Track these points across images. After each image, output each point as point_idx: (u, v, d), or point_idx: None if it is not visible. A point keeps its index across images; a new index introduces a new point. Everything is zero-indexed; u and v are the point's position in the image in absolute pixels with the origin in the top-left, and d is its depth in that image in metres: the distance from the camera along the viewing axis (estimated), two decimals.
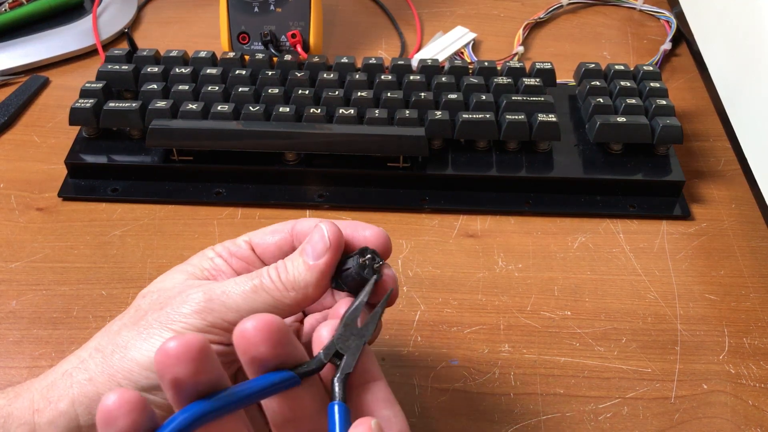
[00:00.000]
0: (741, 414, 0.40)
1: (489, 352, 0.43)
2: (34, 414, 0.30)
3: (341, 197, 0.52)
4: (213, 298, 0.30)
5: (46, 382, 0.30)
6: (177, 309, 0.30)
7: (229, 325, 0.29)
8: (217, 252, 0.34)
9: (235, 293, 0.30)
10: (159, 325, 0.30)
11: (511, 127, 0.51)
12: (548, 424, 0.40)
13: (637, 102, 0.53)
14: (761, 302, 0.46)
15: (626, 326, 0.45)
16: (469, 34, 0.67)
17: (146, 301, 0.31)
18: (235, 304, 0.30)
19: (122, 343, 0.30)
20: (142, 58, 0.57)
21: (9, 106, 0.59)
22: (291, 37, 0.60)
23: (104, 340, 0.31)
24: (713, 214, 0.52)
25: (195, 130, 0.50)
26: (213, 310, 0.29)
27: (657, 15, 0.70)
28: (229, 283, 0.31)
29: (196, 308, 0.29)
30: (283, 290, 0.30)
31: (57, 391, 0.30)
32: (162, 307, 0.30)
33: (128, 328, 0.30)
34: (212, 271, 0.33)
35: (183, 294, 0.30)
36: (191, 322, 0.29)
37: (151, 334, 0.29)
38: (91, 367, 0.30)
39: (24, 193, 0.52)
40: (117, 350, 0.30)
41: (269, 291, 0.30)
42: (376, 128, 0.51)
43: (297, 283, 0.30)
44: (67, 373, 0.30)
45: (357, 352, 0.29)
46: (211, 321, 0.29)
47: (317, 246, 0.31)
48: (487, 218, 0.51)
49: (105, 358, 0.30)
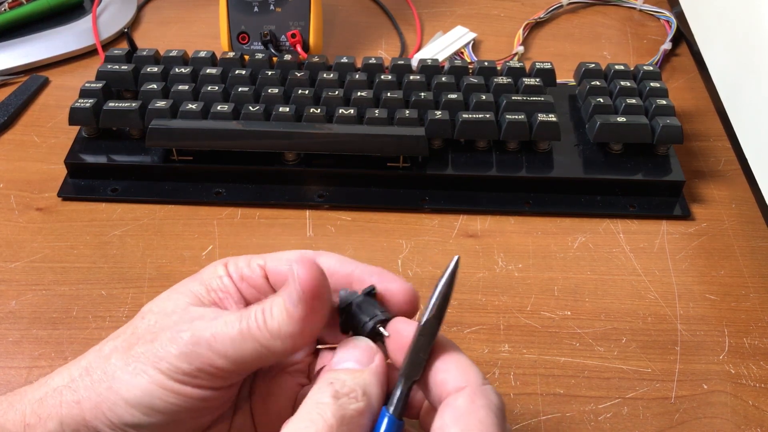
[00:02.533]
0: (741, 414, 0.40)
1: (489, 352, 0.43)
2: (25, 428, 0.30)
3: (341, 197, 0.52)
4: (200, 341, 0.28)
5: (39, 395, 0.30)
6: (165, 347, 0.29)
7: (215, 370, 0.28)
8: (228, 271, 0.32)
9: (223, 337, 0.28)
10: (147, 360, 0.29)
11: (511, 127, 0.51)
12: (548, 424, 0.40)
13: (637, 102, 0.53)
14: (761, 302, 0.46)
15: (626, 326, 0.45)
16: (469, 34, 0.67)
17: (143, 324, 0.30)
18: (223, 350, 0.28)
19: (110, 372, 0.29)
20: (141, 58, 0.57)
21: (9, 106, 0.59)
22: (291, 37, 0.60)
23: (95, 362, 0.30)
24: (713, 214, 0.52)
25: (195, 130, 0.50)
26: (200, 355, 0.28)
27: (657, 15, 0.70)
28: (219, 324, 0.29)
29: (184, 350, 0.28)
30: (270, 338, 0.28)
31: (47, 408, 0.30)
32: (154, 339, 0.29)
33: (118, 353, 0.30)
34: (219, 293, 0.31)
35: (175, 329, 0.29)
36: (177, 365, 0.28)
37: (138, 370, 0.29)
38: (80, 390, 0.29)
39: (24, 193, 0.52)
40: (105, 379, 0.29)
41: (257, 338, 0.28)
42: (376, 128, 0.51)
43: (280, 333, 0.28)
44: (57, 390, 0.30)
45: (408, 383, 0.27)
46: (198, 366, 0.28)
47: (293, 292, 0.28)
48: (487, 218, 0.51)
49: (93, 384, 0.29)
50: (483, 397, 0.26)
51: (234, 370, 0.29)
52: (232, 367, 0.29)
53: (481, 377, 0.27)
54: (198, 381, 0.29)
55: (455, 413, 0.25)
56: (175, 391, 0.28)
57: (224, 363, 0.28)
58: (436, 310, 0.29)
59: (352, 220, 0.51)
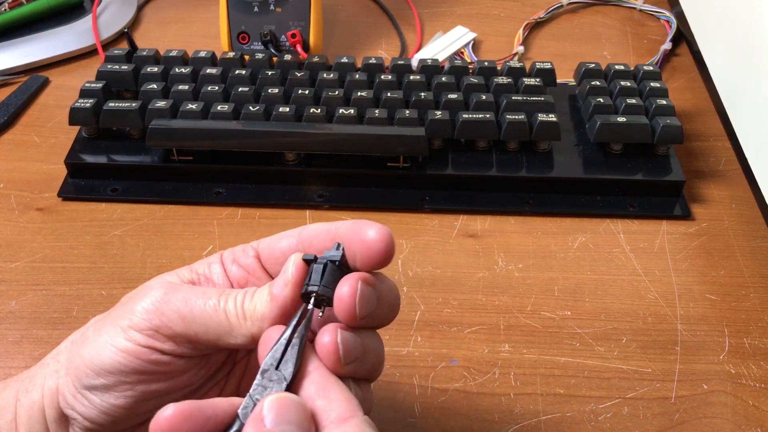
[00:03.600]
0: (741, 414, 0.40)
1: (489, 352, 0.43)
2: (17, 403, 0.30)
3: (341, 197, 0.52)
4: (169, 301, 0.28)
5: (31, 373, 0.31)
6: (134, 305, 0.29)
7: (173, 334, 0.28)
8: (222, 257, 0.32)
9: (195, 305, 0.28)
10: (112, 320, 0.29)
11: (511, 127, 0.51)
12: (548, 424, 0.40)
13: (637, 102, 0.53)
14: (761, 302, 0.46)
15: (626, 326, 0.45)
16: (469, 34, 0.67)
17: (128, 294, 0.31)
18: (189, 315, 0.28)
19: (85, 336, 0.30)
20: (141, 58, 0.57)
21: (9, 105, 0.59)
22: (291, 37, 0.60)
23: (79, 332, 0.31)
24: (713, 214, 0.52)
25: (195, 130, 0.50)
26: (162, 314, 0.28)
27: (657, 15, 0.70)
28: (197, 291, 0.29)
29: (148, 307, 0.28)
30: (241, 318, 0.28)
31: (34, 381, 0.30)
32: (127, 301, 0.30)
33: (98, 321, 0.30)
34: (203, 277, 0.32)
35: (151, 290, 0.29)
36: (135, 322, 0.28)
37: (103, 330, 0.29)
38: (61, 358, 0.30)
39: (24, 193, 0.52)
40: (78, 343, 0.30)
41: (229, 315, 0.28)
42: (376, 128, 0.51)
43: (254, 314, 0.28)
44: (44, 363, 0.31)
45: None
46: (156, 325, 0.28)
47: (280, 278, 0.28)
48: (487, 218, 0.51)
49: (71, 350, 0.30)
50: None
51: (192, 338, 0.29)
52: (192, 335, 0.28)
53: (361, 411, 0.26)
54: (152, 342, 0.28)
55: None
56: (126, 351, 0.28)
57: (183, 329, 0.28)
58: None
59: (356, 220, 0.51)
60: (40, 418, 0.30)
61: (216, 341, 0.29)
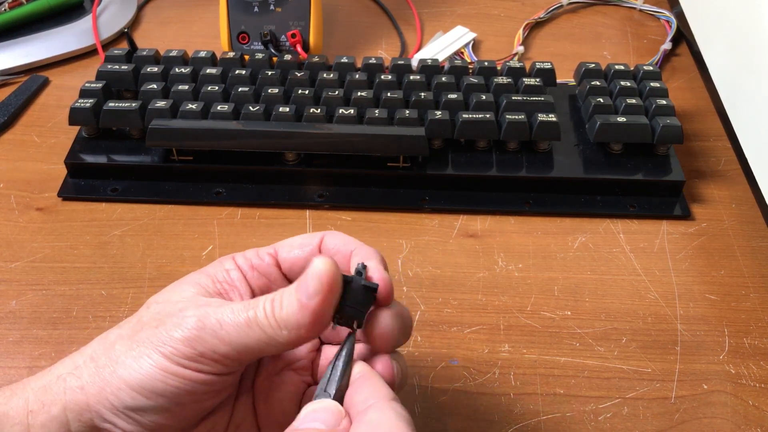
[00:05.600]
0: (741, 414, 0.40)
1: (489, 352, 0.43)
2: (29, 415, 0.30)
3: (341, 197, 0.52)
4: (206, 326, 0.29)
5: (41, 383, 0.31)
6: (170, 332, 0.29)
7: (218, 357, 0.29)
8: (237, 264, 0.33)
9: (229, 324, 0.29)
10: (150, 345, 0.29)
11: (511, 127, 0.51)
12: (548, 424, 0.40)
13: (637, 102, 0.53)
14: (761, 302, 0.46)
15: (626, 326, 0.45)
16: (469, 34, 0.67)
17: (149, 313, 0.31)
18: (227, 337, 0.29)
19: (114, 358, 0.30)
20: (141, 58, 0.57)
21: (9, 105, 0.59)
22: (291, 37, 0.60)
23: (99, 350, 0.30)
24: (713, 214, 0.52)
25: (195, 130, 0.50)
26: (204, 341, 0.29)
27: (657, 15, 0.70)
28: (225, 311, 0.29)
29: (188, 335, 0.29)
30: (276, 328, 0.28)
31: (50, 395, 0.30)
32: (158, 325, 0.30)
33: (123, 340, 0.30)
34: (225, 285, 0.32)
35: (180, 315, 0.30)
36: (181, 349, 0.29)
37: (141, 354, 0.29)
38: (84, 376, 0.30)
39: (24, 193, 0.52)
40: (109, 364, 0.30)
41: (263, 327, 0.29)
42: (376, 128, 0.51)
43: (289, 323, 0.28)
44: (61, 378, 0.30)
45: None
46: (200, 351, 0.29)
47: (310, 284, 0.28)
48: (487, 218, 0.51)
49: (97, 370, 0.30)
50: (391, 410, 0.27)
51: (237, 357, 0.29)
52: (235, 354, 0.29)
53: (390, 393, 0.28)
54: (200, 366, 0.29)
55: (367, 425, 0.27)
56: (177, 375, 0.29)
57: (227, 350, 0.29)
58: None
59: (352, 220, 0.51)
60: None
61: (259, 353, 0.29)
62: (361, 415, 0.27)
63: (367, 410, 0.27)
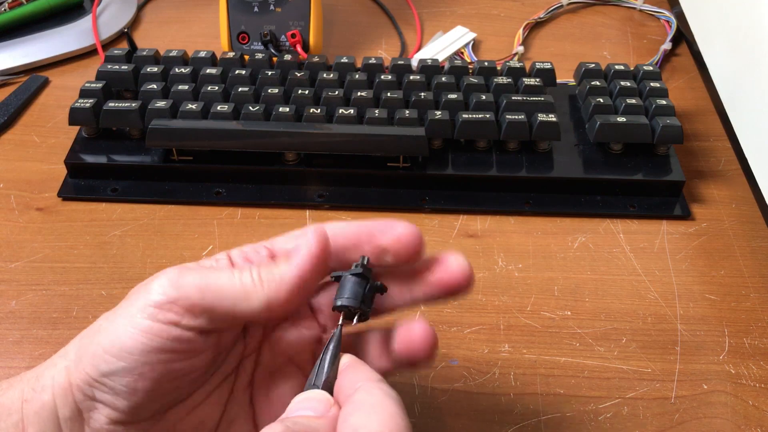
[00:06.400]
0: (741, 414, 0.40)
1: (489, 352, 0.43)
2: (23, 404, 0.30)
3: (341, 197, 0.52)
4: (184, 276, 0.29)
5: (36, 373, 0.31)
6: (149, 285, 0.29)
7: (191, 304, 0.29)
8: (229, 255, 0.33)
9: (209, 277, 0.29)
10: (125, 307, 0.29)
11: (511, 127, 0.51)
12: (548, 424, 0.40)
13: (637, 102, 0.53)
14: (761, 302, 0.46)
15: (626, 326, 0.45)
16: (469, 34, 0.67)
17: (135, 288, 0.31)
18: (204, 285, 0.29)
19: (96, 328, 0.30)
20: (141, 58, 0.57)
21: (9, 105, 0.59)
22: (291, 37, 0.60)
23: (86, 331, 0.31)
24: (713, 214, 0.52)
25: (195, 130, 0.50)
26: (179, 287, 0.29)
27: (657, 15, 0.70)
28: (210, 269, 0.30)
29: (163, 283, 0.29)
30: (258, 283, 0.29)
31: (42, 381, 0.30)
32: (136, 292, 0.30)
33: (106, 315, 0.31)
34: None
35: (160, 272, 0.30)
36: (153, 298, 0.29)
37: (118, 317, 0.29)
38: (70, 355, 0.30)
39: (24, 193, 0.52)
40: (90, 334, 0.30)
41: (244, 283, 0.29)
42: (376, 128, 0.51)
43: (271, 277, 0.29)
44: (52, 362, 0.31)
45: None
46: (173, 297, 0.29)
47: (300, 247, 0.29)
48: (487, 218, 0.51)
49: (81, 342, 0.30)
50: (378, 389, 0.27)
51: (207, 308, 0.29)
52: (206, 304, 0.29)
53: (377, 375, 0.28)
54: (168, 316, 0.29)
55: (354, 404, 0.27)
56: (144, 330, 0.28)
57: (199, 298, 0.29)
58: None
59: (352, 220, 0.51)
60: (52, 419, 0.30)
61: (233, 308, 0.29)
62: (349, 398, 0.27)
63: (354, 392, 0.27)
